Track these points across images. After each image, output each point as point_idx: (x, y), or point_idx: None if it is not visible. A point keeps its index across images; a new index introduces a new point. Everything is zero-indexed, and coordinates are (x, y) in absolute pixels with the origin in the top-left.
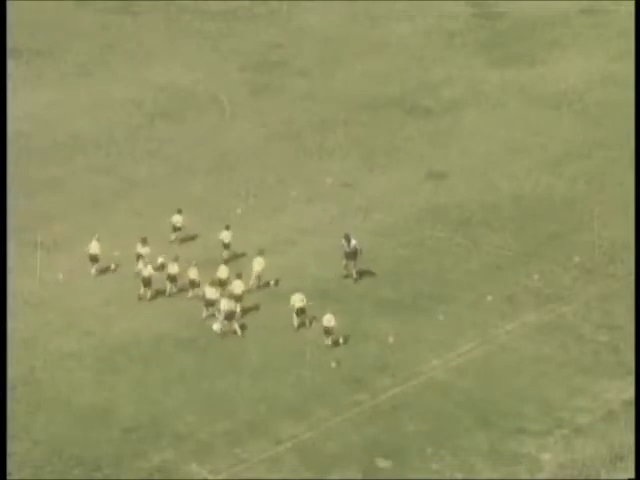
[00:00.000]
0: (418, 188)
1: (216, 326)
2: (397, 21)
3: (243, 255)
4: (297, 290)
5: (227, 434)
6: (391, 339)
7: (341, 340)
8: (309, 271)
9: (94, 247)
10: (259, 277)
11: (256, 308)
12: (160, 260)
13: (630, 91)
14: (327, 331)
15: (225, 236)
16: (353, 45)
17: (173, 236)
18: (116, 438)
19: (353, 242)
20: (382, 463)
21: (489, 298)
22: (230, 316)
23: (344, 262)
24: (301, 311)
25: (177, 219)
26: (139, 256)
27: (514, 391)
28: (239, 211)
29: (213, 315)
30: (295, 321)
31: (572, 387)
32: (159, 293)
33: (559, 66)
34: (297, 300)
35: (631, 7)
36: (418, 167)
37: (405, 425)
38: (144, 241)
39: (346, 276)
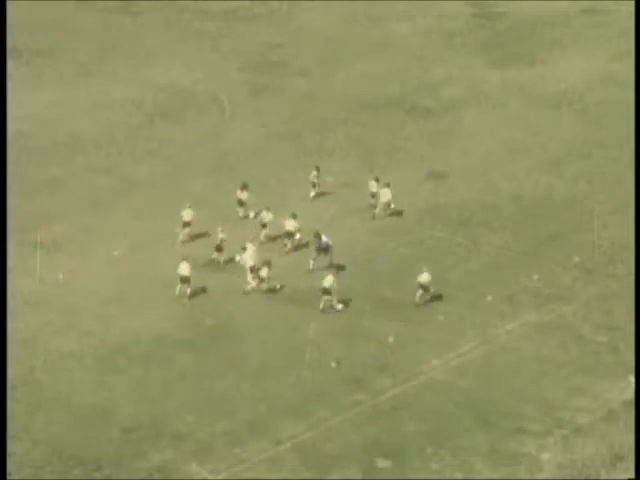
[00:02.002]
0: (418, 188)
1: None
2: (397, 21)
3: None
4: (298, 290)
5: (227, 434)
6: (391, 339)
7: (340, 307)
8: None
9: (187, 214)
10: (388, 205)
11: (256, 308)
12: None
13: (630, 91)
14: (325, 291)
15: (291, 225)
16: (353, 45)
17: (180, 236)
18: (116, 438)
19: (324, 239)
20: (382, 463)
21: (489, 298)
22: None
23: (314, 256)
24: (326, 291)
25: (187, 214)
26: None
27: (514, 391)
28: (239, 212)
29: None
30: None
31: (572, 387)
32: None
33: (559, 66)
34: (328, 281)
35: (631, 7)
36: (418, 167)
37: (405, 425)
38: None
39: (310, 271)
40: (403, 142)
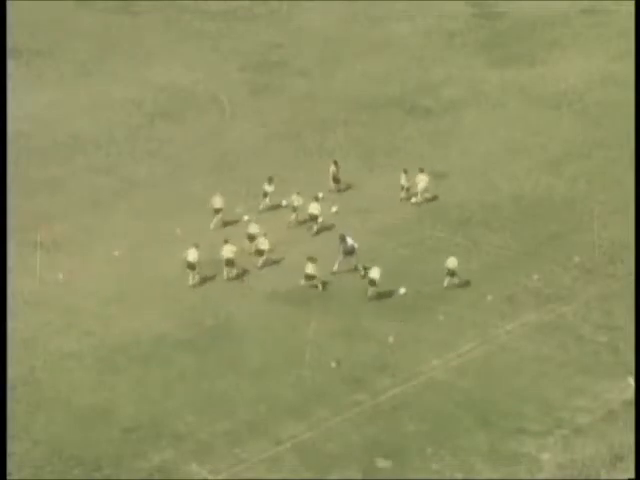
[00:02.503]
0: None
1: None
2: (397, 21)
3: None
4: (298, 290)
5: (227, 434)
6: (391, 339)
7: (402, 291)
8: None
9: (218, 201)
10: (427, 190)
11: (256, 308)
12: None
13: (630, 91)
14: (372, 282)
15: (314, 208)
16: (353, 45)
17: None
18: (116, 438)
19: (349, 241)
20: (382, 463)
21: (489, 298)
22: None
23: (341, 259)
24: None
25: (217, 201)
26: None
27: (514, 391)
28: (239, 211)
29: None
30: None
31: (572, 387)
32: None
33: (559, 66)
34: (376, 272)
35: (631, 7)
36: (418, 167)
37: (405, 425)
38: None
39: (334, 273)
40: (403, 142)
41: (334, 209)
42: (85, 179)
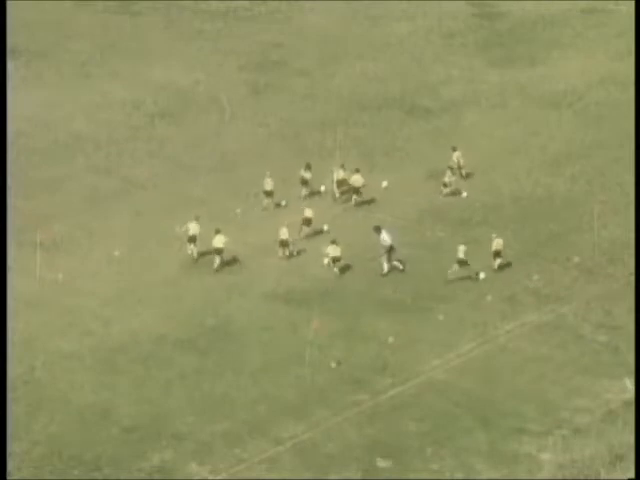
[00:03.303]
0: (418, 188)
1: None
2: (397, 21)
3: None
4: (298, 290)
5: (227, 434)
6: (391, 339)
7: (482, 275)
8: (309, 271)
9: (269, 183)
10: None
11: (256, 308)
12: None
13: (630, 91)
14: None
15: (357, 180)
16: (353, 45)
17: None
18: (116, 438)
19: (384, 235)
20: (382, 463)
21: (489, 298)
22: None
23: (382, 254)
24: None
25: (268, 183)
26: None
27: (514, 391)
28: (239, 211)
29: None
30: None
31: (572, 387)
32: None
33: (559, 66)
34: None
35: (631, 7)
36: (418, 167)
37: (405, 425)
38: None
39: (385, 274)
40: (403, 142)
41: (384, 184)
42: (85, 179)
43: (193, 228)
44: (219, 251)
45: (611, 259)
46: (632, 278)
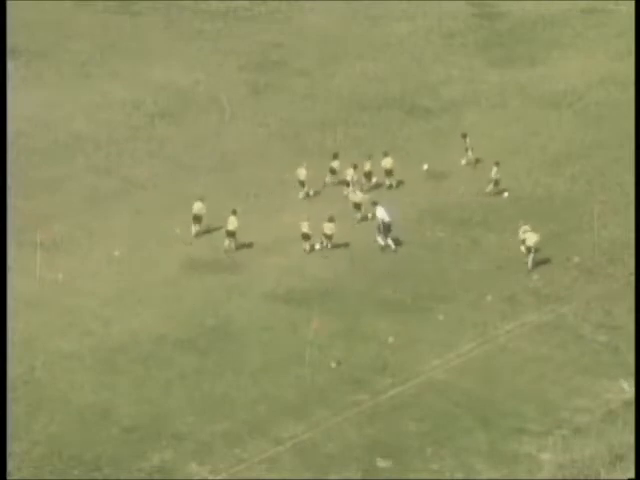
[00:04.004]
0: (418, 188)
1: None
2: (397, 21)
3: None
4: (298, 290)
5: (227, 434)
6: (391, 339)
7: (317, 246)
8: (309, 271)
9: (302, 173)
10: (496, 182)
11: (256, 308)
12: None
13: (630, 91)
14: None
15: (387, 162)
16: (353, 45)
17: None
18: (116, 438)
19: (379, 213)
20: (382, 463)
21: (489, 298)
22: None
23: (381, 232)
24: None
25: (302, 173)
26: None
27: (514, 391)
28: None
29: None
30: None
31: (572, 387)
32: None
33: (559, 66)
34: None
35: (631, 7)
36: (418, 167)
37: (405, 425)
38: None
39: (383, 248)
40: (403, 142)
41: (425, 167)
42: (85, 179)
43: (232, 222)
44: (231, 233)
45: (611, 259)
46: (632, 278)
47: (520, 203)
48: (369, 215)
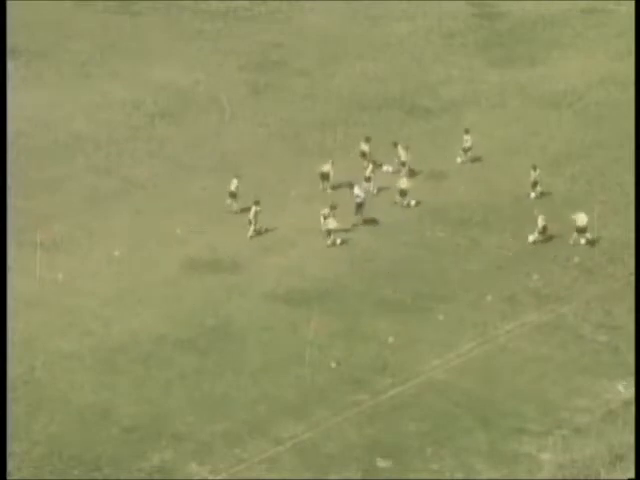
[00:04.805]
0: (418, 188)
1: None
2: (397, 21)
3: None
4: (298, 290)
5: (227, 434)
6: (391, 339)
7: (338, 241)
8: (309, 271)
9: (326, 166)
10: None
11: (256, 308)
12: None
13: (630, 91)
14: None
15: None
16: (353, 45)
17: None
18: (116, 438)
19: (357, 190)
20: (382, 463)
21: (489, 298)
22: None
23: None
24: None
25: (326, 167)
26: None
27: (514, 391)
28: (239, 210)
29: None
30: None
31: (572, 387)
32: None
33: (559, 66)
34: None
35: (631, 7)
36: (418, 167)
37: (405, 425)
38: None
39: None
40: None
41: (468, 143)
42: (85, 179)
43: (234, 185)
44: (252, 221)
45: (611, 259)
46: (632, 278)
47: (520, 203)
48: (412, 202)
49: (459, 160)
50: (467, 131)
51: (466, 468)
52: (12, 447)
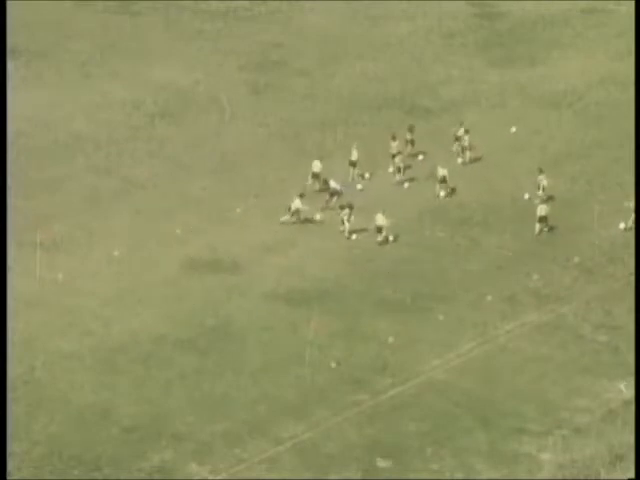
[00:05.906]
0: (418, 188)
1: None
2: (397, 21)
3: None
4: (298, 290)
5: (227, 434)
6: (391, 339)
7: (391, 238)
8: (309, 271)
9: (316, 165)
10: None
11: (256, 308)
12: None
13: (630, 91)
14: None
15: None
16: (353, 45)
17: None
18: (116, 438)
19: (333, 184)
20: (382, 463)
21: (489, 298)
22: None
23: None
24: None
25: (354, 154)
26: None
27: (514, 391)
28: (239, 210)
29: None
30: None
31: (572, 387)
32: None
33: (559, 66)
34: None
35: (631, 7)
36: (418, 167)
37: (405, 425)
38: None
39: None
40: (403, 142)
41: (513, 129)
42: (85, 179)
43: (296, 204)
44: (294, 212)
45: (611, 259)
46: (632, 278)
47: (520, 203)
48: (390, 238)
49: (459, 160)
50: (467, 131)
51: (466, 468)
52: (12, 447)
